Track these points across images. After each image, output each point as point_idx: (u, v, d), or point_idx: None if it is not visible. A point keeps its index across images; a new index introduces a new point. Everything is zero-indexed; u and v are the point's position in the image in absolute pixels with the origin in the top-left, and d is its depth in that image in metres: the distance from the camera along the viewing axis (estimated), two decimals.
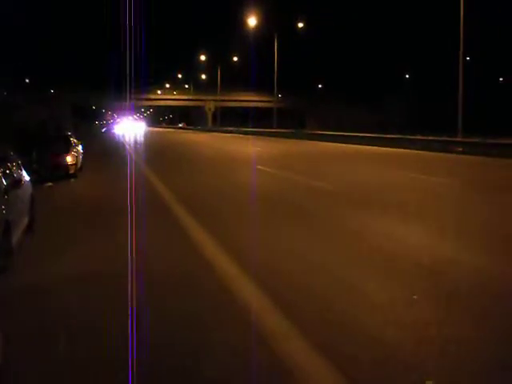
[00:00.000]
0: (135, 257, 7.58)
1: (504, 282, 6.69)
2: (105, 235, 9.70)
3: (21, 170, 9.63)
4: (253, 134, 66.61)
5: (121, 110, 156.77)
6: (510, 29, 72.55)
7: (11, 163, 9.12)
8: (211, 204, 13.28)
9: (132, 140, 59.72)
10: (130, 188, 16.09)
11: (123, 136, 73.99)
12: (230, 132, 77.02)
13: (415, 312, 5.61)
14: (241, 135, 67.28)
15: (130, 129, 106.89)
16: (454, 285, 6.54)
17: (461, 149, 31.46)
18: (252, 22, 67.03)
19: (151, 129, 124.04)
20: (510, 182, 18.05)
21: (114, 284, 6.65)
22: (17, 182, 8.56)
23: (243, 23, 69.66)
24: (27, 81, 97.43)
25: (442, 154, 30.15)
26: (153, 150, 40.38)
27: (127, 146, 46.26)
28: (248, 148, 38.66)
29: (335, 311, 5.64)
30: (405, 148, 34.84)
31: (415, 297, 6.04)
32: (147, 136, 71.20)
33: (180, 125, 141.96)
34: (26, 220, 9.03)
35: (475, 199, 13.90)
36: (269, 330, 5.10)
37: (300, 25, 70.91)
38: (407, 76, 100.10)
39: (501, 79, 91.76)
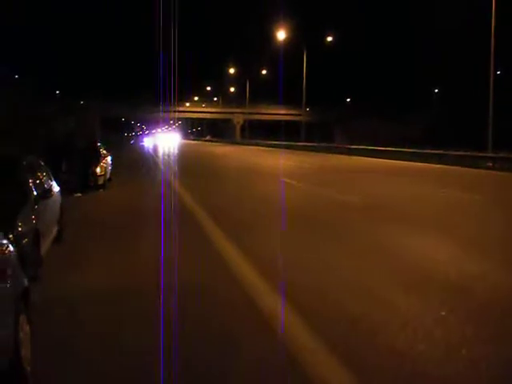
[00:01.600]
0: (162, 269, 7.60)
1: None
2: (131, 246, 9.70)
3: (51, 180, 9.69)
4: (281, 147, 66.60)
5: (150, 122, 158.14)
6: None
7: (41, 173, 9.19)
8: (242, 218, 13.22)
9: (161, 152, 59.84)
10: (158, 198, 16.20)
11: (153, 148, 73.12)
12: (258, 145, 77.12)
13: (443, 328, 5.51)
14: (269, 148, 67.32)
15: (161, 141, 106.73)
16: (477, 302, 6.43)
17: (491, 164, 31.14)
18: (281, 35, 67.24)
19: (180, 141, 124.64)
20: None
21: (140, 299, 6.63)
22: (47, 192, 8.61)
23: (273, 37, 69.94)
24: (57, 92, 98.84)
25: (472, 170, 29.82)
26: (181, 162, 40.56)
27: (155, 158, 46.51)
28: (276, 161, 38.62)
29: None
30: (435, 163, 34.54)
31: (443, 313, 5.94)
32: (176, 149, 71.05)
33: (207, 137, 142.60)
34: (55, 230, 9.08)
35: (506, 217, 13.67)
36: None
37: (329, 38, 70.85)
38: (436, 90, 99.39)
39: None
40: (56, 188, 9.88)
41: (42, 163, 9.78)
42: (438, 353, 4.90)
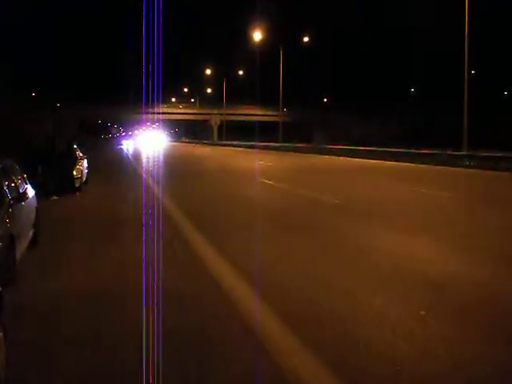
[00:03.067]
0: (139, 269, 7.58)
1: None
2: (107, 248, 9.64)
3: (25, 184, 9.61)
4: (258, 148, 66.66)
5: (127, 124, 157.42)
6: None
7: (16, 176, 9.10)
8: (217, 218, 13.24)
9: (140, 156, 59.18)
10: (134, 199, 16.15)
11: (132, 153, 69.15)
12: (236, 146, 77.08)
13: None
14: (247, 149, 67.34)
15: (143, 143, 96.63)
16: (452, 299, 6.49)
17: (467, 163, 31.45)
18: (258, 36, 67.21)
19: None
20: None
21: (117, 302, 6.60)
22: (21, 196, 8.54)
23: (249, 37, 69.97)
24: (33, 94, 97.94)
25: (449, 168, 30.16)
26: (159, 165, 40.42)
27: (133, 161, 46.28)
28: (254, 162, 38.63)
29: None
30: (410, 162, 34.87)
31: (422, 312, 5.98)
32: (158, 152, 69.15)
33: (182, 139, 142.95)
34: (30, 233, 9.00)
35: (480, 213, 13.84)
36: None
37: (306, 39, 71.01)
38: (412, 90, 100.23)
39: (505, 93, 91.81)
40: (31, 191, 9.79)
41: (17, 167, 9.69)
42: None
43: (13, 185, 8.51)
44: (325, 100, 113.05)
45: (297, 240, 10.30)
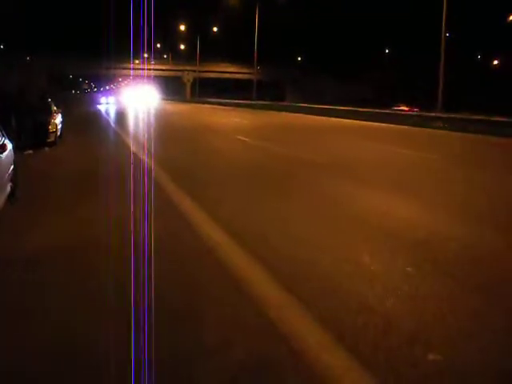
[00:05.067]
0: (117, 221, 7.55)
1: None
2: (87, 203, 9.54)
3: (3, 136, 9.40)
4: (232, 105, 66.44)
5: (99, 80, 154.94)
6: (489, 5, 72.58)
7: None
8: (201, 177, 13.18)
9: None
10: (111, 155, 15.99)
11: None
12: (209, 103, 76.52)
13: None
14: (220, 107, 66.95)
15: (129, 102, 74.10)
16: (419, 250, 6.57)
17: (441, 124, 31.65)
18: None
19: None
20: (484, 158, 18.32)
21: (95, 253, 6.54)
22: (0, 147, 8.37)
23: None
24: (1, 47, 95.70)
25: (423, 129, 30.45)
26: (130, 120, 40.00)
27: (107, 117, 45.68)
28: (229, 119, 38.45)
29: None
30: (384, 122, 35.03)
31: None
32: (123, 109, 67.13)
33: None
34: (8, 187, 8.83)
35: (452, 173, 14.04)
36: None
37: None
38: (387, 51, 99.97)
39: (479, 56, 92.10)
40: (9, 144, 9.60)
41: None
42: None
43: None
44: (299, 59, 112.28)
45: (271, 195, 10.41)
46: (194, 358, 3.95)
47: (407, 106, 59.59)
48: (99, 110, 53.37)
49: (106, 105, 69.63)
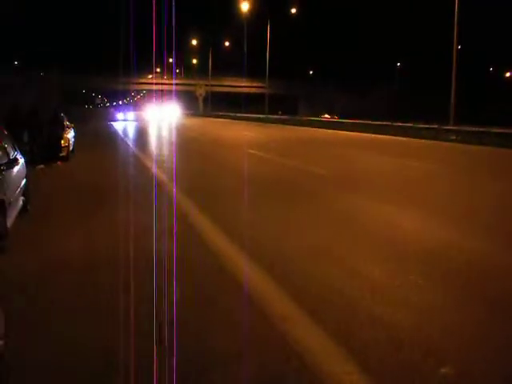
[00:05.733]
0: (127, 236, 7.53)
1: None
2: (97, 216, 9.56)
3: (15, 150, 9.43)
4: (244, 119, 66.61)
5: (112, 94, 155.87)
6: (501, 18, 72.57)
7: (6, 142, 8.92)
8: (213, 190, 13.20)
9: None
10: (123, 167, 16.06)
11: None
12: (222, 117, 76.72)
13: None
14: (233, 120, 67.09)
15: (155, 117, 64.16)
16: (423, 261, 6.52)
17: (454, 137, 31.55)
18: (245, 6, 66.70)
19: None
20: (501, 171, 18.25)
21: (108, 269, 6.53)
22: (12, 162, 8.39)
23: (236, 8, 69.36)
24: (16, 63, 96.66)
25: (436, 142, 30.37)
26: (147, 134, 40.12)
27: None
28: (241, 133, 38.53)
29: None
30: (396, 135, 34.99)
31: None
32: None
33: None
34: (20, 201, 8.87)
35: (464, 185, 13.99)
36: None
37: (293, 10, 70.56)
38: (398, 64, 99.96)
39: (491, 69, 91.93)
40: (21, 158, 9.64)
41: (6, 132, 9.52)
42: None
43: (2, 151, 8.35)
44: (310, 72, 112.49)
45: (281, 206, 10.59)
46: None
47: (329, 115, 72.34)
48: (115, 131, 42.72)
49: (124, 121, 57.07)
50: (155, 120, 59.51)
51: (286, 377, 3.93)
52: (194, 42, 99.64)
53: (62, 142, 18.15)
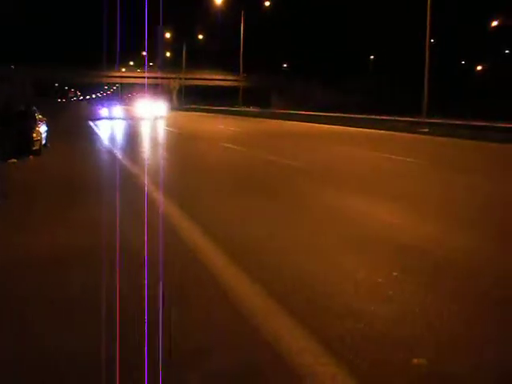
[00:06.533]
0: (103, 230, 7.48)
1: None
2: (70, 211, 9.45)
3: None
4: (217, 112, 66.55)
5: (85, 88, 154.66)
6: (471, 12, 73.27)
7: None
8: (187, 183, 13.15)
9: None
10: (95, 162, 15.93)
11: None
12: (195, 110, 76.47)
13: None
14: (207, 114, 66.98)
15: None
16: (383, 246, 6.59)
17: (426, 130, 31.80)
18: None
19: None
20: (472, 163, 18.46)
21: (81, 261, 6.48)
22: None
23: (210, 1, 69.15)
24: None
25: (408, 135, 30.61)
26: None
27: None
28: (215, 126, 38.48)
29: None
30: (370, 128, 35.15)
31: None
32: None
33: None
34: None
35: (436, 178, 14.15)
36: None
37: (267, 3, 70.55)
38: (372, 57, 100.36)
39: (462, 62, 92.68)
40: None
41: None
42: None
43: None
44: (284, 65, 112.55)
45: (254, 197, 10.64)
46: None
47: (252, 106, 73.97)
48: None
49: (110, 120, 44.81)
50: (147, 117, 48.47)
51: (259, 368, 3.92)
52: (168, 35, 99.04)
53: (34, 135, 17.93)
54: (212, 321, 4.72)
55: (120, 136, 30.94)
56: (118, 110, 50.47)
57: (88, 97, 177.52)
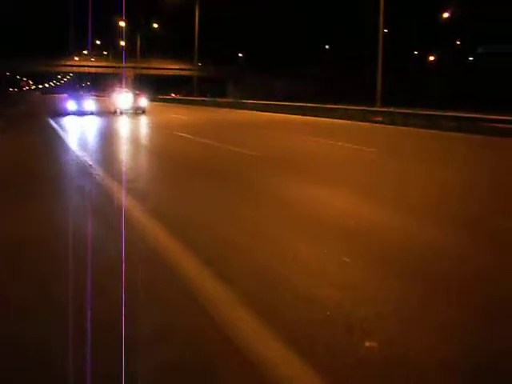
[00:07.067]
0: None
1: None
2: (24, 200, 9.40)
3: None
4: (173, 102, 66.20)
5: (39, 77, 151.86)
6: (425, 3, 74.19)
7: None
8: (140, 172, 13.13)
9: None
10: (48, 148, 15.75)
11: None
12: (150, 100, 75.72)
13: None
14: (163, 103, 66.53)
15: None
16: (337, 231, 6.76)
17: (380, 118, 32.18)
18: None
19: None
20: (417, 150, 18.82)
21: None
22: None
23: None
24: None
25: (362, 124, 30.96)
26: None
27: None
28: (169, 116, 38.24)
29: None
30: (325, 117, 35.46)
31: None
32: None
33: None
34: None
35: (385, 165, 14.49)
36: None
37: None
38: (327, 46, 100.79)
39: (415, 52, 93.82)
40: None
41: None
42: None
43: None
44: (240, 55, 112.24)
45: (207, 183, 10.82)
46: None
47: (175, 94, 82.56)
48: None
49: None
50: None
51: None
52: (122, 24, 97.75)
53: None
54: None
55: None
56: (89, 102, 38.54)
57: (40, 86, 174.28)
